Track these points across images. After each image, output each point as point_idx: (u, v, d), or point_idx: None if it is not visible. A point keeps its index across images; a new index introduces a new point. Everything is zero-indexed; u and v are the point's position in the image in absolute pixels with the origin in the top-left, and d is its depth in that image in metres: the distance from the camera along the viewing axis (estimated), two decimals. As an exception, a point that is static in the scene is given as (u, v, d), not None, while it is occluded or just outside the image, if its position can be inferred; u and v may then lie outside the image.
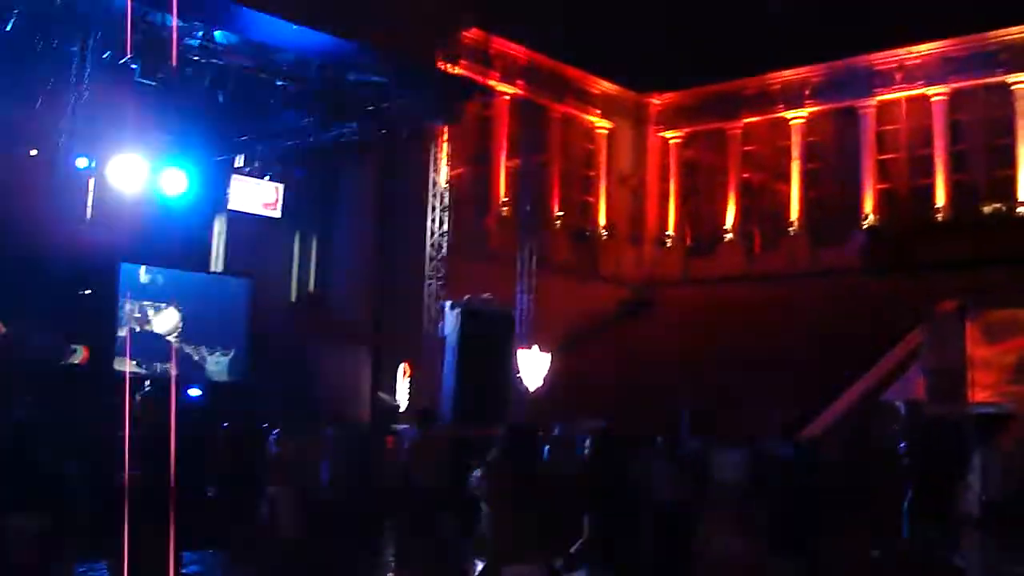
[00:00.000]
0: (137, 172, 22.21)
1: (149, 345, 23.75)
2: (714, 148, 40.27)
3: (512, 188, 34.34)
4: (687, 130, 40.91)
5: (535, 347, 28.35)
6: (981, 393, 23.14)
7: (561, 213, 37.96)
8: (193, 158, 25.06)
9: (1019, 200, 33.43)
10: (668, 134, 41.26)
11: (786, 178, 37.91)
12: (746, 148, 39.43)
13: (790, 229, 37.53)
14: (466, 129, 31.11)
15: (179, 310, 24.28)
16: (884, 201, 36.21)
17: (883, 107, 36.40)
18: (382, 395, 27.00)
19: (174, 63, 19.33)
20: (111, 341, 23.18)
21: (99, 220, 22.50)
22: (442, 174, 27.85)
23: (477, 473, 7.38)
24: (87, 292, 22.86)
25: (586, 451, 8.89)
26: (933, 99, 35.16)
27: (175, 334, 24.19)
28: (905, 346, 27.58)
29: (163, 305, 24.16)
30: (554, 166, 37.81)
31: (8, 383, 17.38)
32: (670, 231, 40.82)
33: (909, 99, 35.88)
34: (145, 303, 24.04)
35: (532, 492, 7.34)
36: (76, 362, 22.34)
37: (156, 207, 23.91)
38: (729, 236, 39.06)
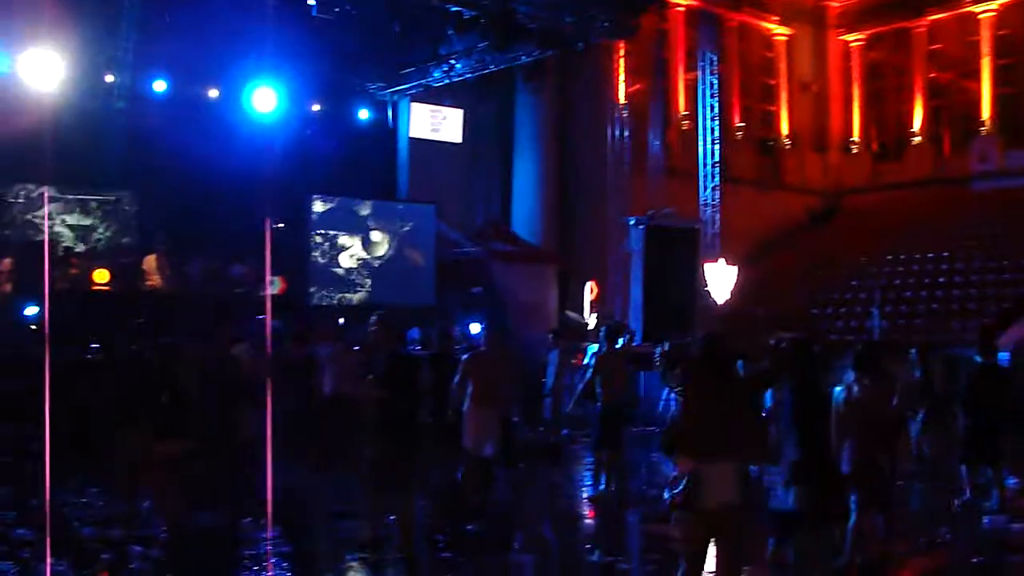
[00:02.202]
0: (318, 106, 22.73)
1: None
2: (898, 49, 38.91)
3: (691, 101, 33.92)
4: (869, 32, 39.60)
5: (721, 260, 28.14)
6: None
7: (742, 124, 37.41)
8: (373, 89, 25.49)
9: None
10: (849, 37, 40.04)
11: (976, 76, 36.44)
12: (932, 47, 37.94)
13: (981, 129, 36.16)
14: (642, 44, 30.81)
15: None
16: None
17: (1081, -8, 34.54)
18: (570, 314, 27.18)
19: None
20: (305, 271, 23.95)
21: (287, 154, 23.12)
22: (620, 91, 27.68)
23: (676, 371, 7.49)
24: (280, 225, 23.56)
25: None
26: None
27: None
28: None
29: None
30: (733, 76, 37.21)
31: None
32: (855, 137, 39.80)
33: (1111, -20, 33.98)
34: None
35: (724, 394, 7.34)
36: (274, 292, 23.15)
37: (340, 139, 24.47)
38: (917, 139, 37.85)
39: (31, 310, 17.86)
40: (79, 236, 22.47)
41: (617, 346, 15.05)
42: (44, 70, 18.42)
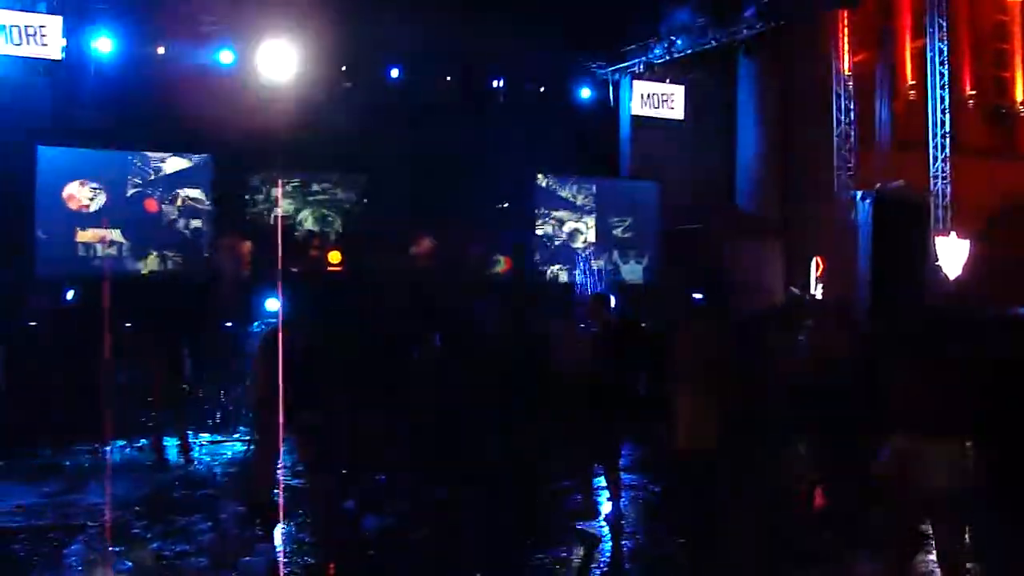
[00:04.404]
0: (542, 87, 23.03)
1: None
2: None
3: (919, 70, 33.00)
4: (1112, -12, 37.83)
5: (952, 234, 27.37)
6: None
7: (973, 91, 36.19)
8: (595, 68, 25.66)
9: None
10: (1090, -4, 38.34)
11: None
12: None
13: None
14: (866, 13, 30.14)
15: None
16: None
17: None
18: (794, 290, 26.89)
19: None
20: (529, 250, 24.43)
21: (510, 136, 23.55)
22: (844, 61, 27.18)
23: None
24: (505, 205, 24.05)
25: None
26: None
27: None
28: None
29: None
30: (963, 42, 36.01)
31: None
32: (1096, 101, 38.09)
33: None
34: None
35: (934, 374, 7.19)
36: (499, 270, 23.70)
37: (563, 117, 24.76)
38: None
39: (272, 304, 16.79)
40: (316, 220, 23.34)
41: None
42: (278, 61, 19.23)
